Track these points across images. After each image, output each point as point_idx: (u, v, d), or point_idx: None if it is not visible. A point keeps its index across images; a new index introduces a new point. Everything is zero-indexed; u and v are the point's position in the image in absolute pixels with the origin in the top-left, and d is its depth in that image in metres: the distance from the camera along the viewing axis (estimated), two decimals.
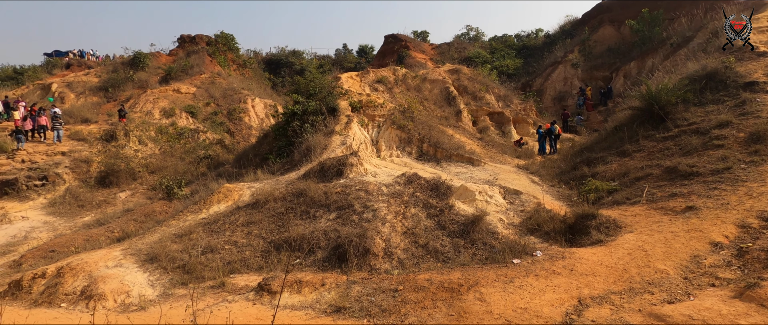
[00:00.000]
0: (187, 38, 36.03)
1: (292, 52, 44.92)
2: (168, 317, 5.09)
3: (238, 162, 17.88)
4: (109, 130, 21.10)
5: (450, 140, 17.69)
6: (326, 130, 15.86)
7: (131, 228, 11.93)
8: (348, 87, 19.93)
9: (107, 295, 7.56)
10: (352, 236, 8.80)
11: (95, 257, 8.80)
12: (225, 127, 25.85)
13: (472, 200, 10.74)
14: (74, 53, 38.30)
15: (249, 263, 8.92)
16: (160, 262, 8.72)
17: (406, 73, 24.13)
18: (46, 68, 34.23)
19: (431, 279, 7.03)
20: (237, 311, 6.49)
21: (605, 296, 6.14)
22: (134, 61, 31.68)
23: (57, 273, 8.26)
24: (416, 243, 9.05)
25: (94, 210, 15.67)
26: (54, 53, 37.98)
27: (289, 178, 12.81)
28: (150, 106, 25.04)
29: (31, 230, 13.70)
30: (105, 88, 28.97)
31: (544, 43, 36.82)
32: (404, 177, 11.82)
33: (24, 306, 7.49)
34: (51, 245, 11.39)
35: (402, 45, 39.24)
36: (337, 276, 7.75)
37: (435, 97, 22.92)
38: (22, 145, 18.36)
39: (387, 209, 9.99)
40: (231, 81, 31.86)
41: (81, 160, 18.51)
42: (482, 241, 8.94)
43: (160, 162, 20.07)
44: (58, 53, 37.97)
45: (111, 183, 17.90)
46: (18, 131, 18.59)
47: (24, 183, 16.32)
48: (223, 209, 11.22)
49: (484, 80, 26.33)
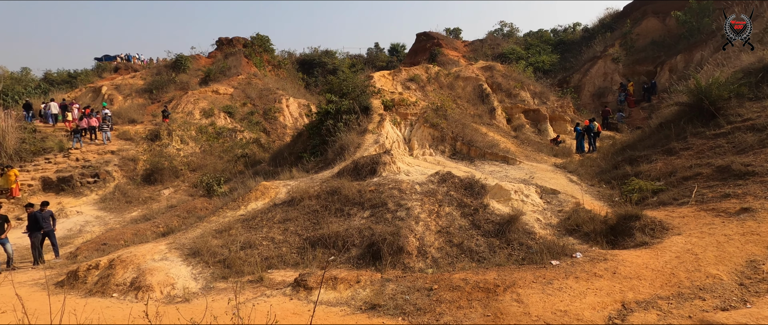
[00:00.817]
0: (225, 41, 37.28)
1: (325, 52, 45.54)
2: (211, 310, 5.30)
3: (273, 160, 18.34)
4: (153, 130, 22.15)
5: (484, 138, 17.41)
6: (359, 128, 15.99)
7: (175, 223, 12.49)
8: (380, 86, 20.00)
9: (154, 287, 7.95)
10: (385, 234, 8.84)
11: (143, 251, 9.27)
12: (261, 127, 26.57)
13: (508, 199, 10.53)
14: (122, 57, 40.46)
15: (285, 259, 9.14)
16: (202, 256, 9.08)
17: (438, 70, 23.94)
18: (96, 72, 36.39)
19: (466, 279, 6.96)
20: (275, 306, 6.67)
21: (651, 301, 5.87)
22: (176, 63, 33.11)
23: (109, 265, 8.77)
24: (450, 242, 8.98)
25: (140, 206, 16.50)
26: (104, 58, 40.28)
27: (324, 176, 13.01)
28: (191, 107, 26.09)
29: (85, 223, 14.60)
30: (150, 90, 30.45)
31: (582, 38, 35.54)
32: (437, 176, 11.75)
33: (80, 295, 8.00)
34: (103, 239, 12.10)
35: (434, 43, 38.96)
36: (371, 274, 7.81)
37: (468, 94, 22.62)
38: (80, 144, 19.65)
39: (420, 207, 9.96)
40: (266, 81, 32.69)
41: (128, 158, 19.54)
42: (518, 241, 8.76)
43: (200, 160, 20.88)
44: (107, 58, 40.24)
45: (155, 180, 18.80)
46: (76, 130, 19.90)
47: (78, 180, 17.42)
48: (261, 206, 11.54)
49: (518, 77, 25.73)
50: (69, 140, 20.08)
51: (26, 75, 37.38)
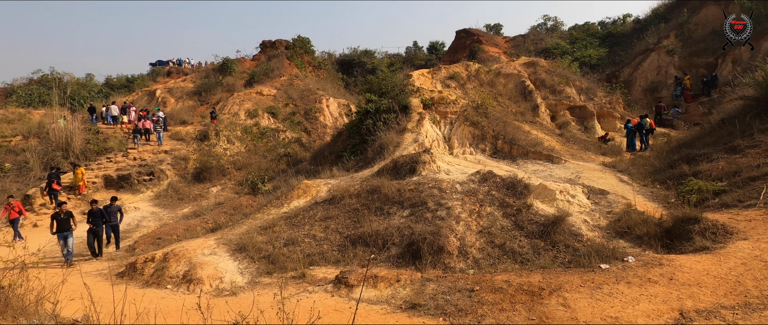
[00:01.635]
0: (268, 43, 38.50)
1: (364, 52, 45.91)
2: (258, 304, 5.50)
3: (314, 159, 18.73)
4: (202, 130, 23.26)
5: (526, 137, 16.91)
6: (398, 127, 16.00)
7: (222, 220, 13.05)
8: (419, 84, 19.90)
9: (204, 280, 8.36)
10: (425, 234, 8.80)
11: (194, 245, 9.76)
12: (302, 127, 27.22)
13: (552, 199, 10.17)
14: (173, 62, 42.76)
15: (327, 256, 9.31)
16: (248, 252, 9.43)
17: (478, 68, 23.49)
18: (151, 76, 38.74)
19: (509, 281, 6.79)
20: (318, 302, 6.81)
21: (713, 310, 5.47)
22: (223, 66, 34.58)
23: (163, 258, 9.31)
24: (492, 243, 8.80)
25: (191, 203, 17.38)
26: (157, 63, 42.77)
27: (363, 175, 13.12)
28: (236, 108, 27.16)
29: (141, 219, 15.58)
30: (199, 93, 32.00)
31: (633, 30, 33.63)
32: (478, 175, 11.54)
33: (138, 286, 8.55)
34: (158, 233, 12.85)
35: (474, 39, 38.27)
36: (411, 273, 7.80)
37: (510, 92, 22.04)
38: (139, 143, 21.03)
39: (461, 207, 9.83)
40: (307, 82, 33.44)
41: (180, 158, 20.63)
42: (564, 243, 8.44)
43: (245, 159, 21.69)
44: (161, 62, 42.68)
45: (204, 178, 19.72)
46: (136, 131, 21.31)
47: (136, 178, 18.61)
48: (303, 204, 11.82)
49: (563, 72, 24.76)
50: (128, 140, 21.50)
51: (90, 81, 40.41)
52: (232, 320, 3.60)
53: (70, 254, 10.70)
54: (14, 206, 13.19)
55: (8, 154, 20.11)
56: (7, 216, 13.11)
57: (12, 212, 13.09)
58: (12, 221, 13.09)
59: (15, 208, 13.17)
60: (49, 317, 4.95)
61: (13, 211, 13.12)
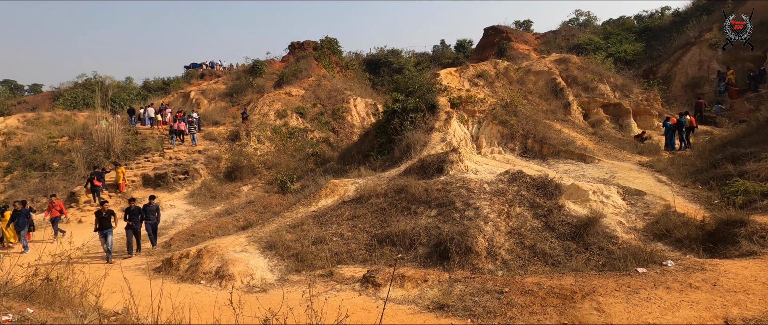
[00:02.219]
0: (297, 45, 39.13)
1: (391, 52, 45.93)
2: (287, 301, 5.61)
3: (342, 159, 18.90)
4: (233, 131, 23.90)
5: (557, 135, 16.45)
6: (426, 127, 15.91)
7: (253, 218, 13.37)
8: (447, 83, 19.73)
9: (236, 276, 8.59)
10: (453, 234, 8.71)
11: (226, 243, 10.04)
12: (330, 126, 27.52)
13: (585, 200, 9.87)
14: (206, 65, 44.12)
15: (354, 255, 9.37)
16: (277, 250, 9.62)
17: (507, 65, 23.05)
18: (186, 79, 40.14)
19: (540, 283, 6.63)
20: (346, 301, 6.86)
21: (762, 319, 5.15)
22: (253, 68, 35.41)
23: (197, 254, 9.62)
24: (522, 244, 8.62)
25: (223, 201, 17.90)
26: (191, 65, 44.23)
27: (390, 174, 13.13)
28: (266, 109, 27.76)
29: (177, 216, 16.17)
30: (230, 94, 32.90)
31: (672, 23, 32.11)
32: (507, 174, 11.33)
33: (174, 280, 8.87)
34: (192, 230, 13.30)
35: (503, 37, 37.60)
36: (439, 273, 7.75)
37: (540, 89, 21.51)
38: (174, 143, 21.85)
39: (489, 207, 9.68)
40: (335, 82, 33.77)
41: (213, 157, 21.28)
42: (598, 245, 8.17)
43: (275, 159, 22.14)
44: (195, 65, 44.12)
45: (236, 177, 20.26)
46: (172, 131, 22.17)
47: (171, 177, 19.33)
48: (331, 203, 11.95)
49: (596, 69, 23.94)
50: (164, 141, 22.38)
51: (129, 84, 42.32)
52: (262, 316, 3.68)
53: (110, 251, 11.18)
54: (56, 205, 13.86)
55: (56, 153, 21.32)
56: (50, 215, 13.80)
57: (53, 211, 13.78)
58: (53, 220, 13.71)
59: (56, 207, 13.85)
60: (92, 308, 5.20)
61: (55, 210, 13.80)
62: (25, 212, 12.64)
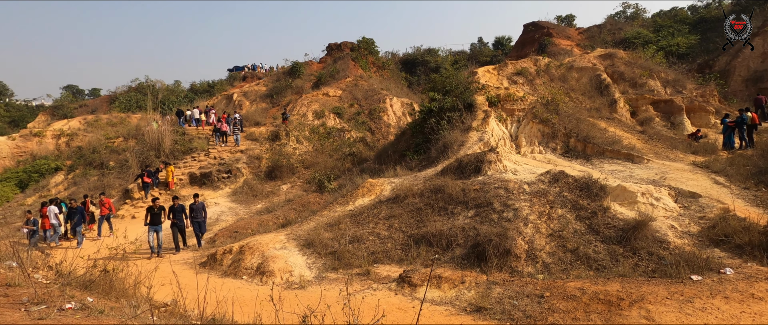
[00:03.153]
0: (334, 46, 39.70)
1: (427, 51, 45.64)
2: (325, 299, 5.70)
3: (378, 158, 18.98)
4: (274, 131, 24.60)
5: (602, 134, 15.74)
6: (463, 126, 15.69)
7: (292, 216, 13.70)
8: (485, 81, 19.36)
9: (275, 273, 8.83)
10: (491, 235, 8.54)
11: (266, 240, 10.36)
12: (366, 126, 27.71)
13: (633, 202, 9.38)
14: (248, 67, 45.68)
15: (390, 255, 9.40)
16: (315, 248, 9.80)
17: (548, 62, 22.31)
18: (229, 81, 41.78)
19: (583, 288, 6.37)
20: (382, 300, 6.89)
21: None
22: (292, 70, 36.29)
23: (240, 250, 9.98)
24: (564, 247, 8.32)
25: (264, 199, 18.46)
26: (234, 68, 45.95)
27: (427, 174, 13.06)
28: (305, 109, 28.36)
29: (221, 213, 16.85)
30: (271, 96, 33.88)
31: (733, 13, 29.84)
32: (548, 175, 10.96)
33: (218, 275, 9.25)
34: (234, 227, 13.82)
35: (543, 32, 36.42)
36: (476, 275, 7.62)
37: (583, 86, 20.67)
38: (219, 143, 22.79)
39: (529, 208, 9.41)
40: (371, 82, 33.98)
41: (254, 157, 22.00)
42: (647, 250, 7.74)
43: (312, 158, 22.58)
44: (237, 68, 45.81)
45: (276, 176, 20.84)
46: (217, 131, 23.14)
47: (216, 176, 20.16)
48: (367, 203, 12.03)
49: (645, 64, 22.69)
50: (210, 140, 23.39)
51: (177, 87, 44.60)
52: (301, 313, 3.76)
53: (160, 246, 11.67)
54: (105, 203, 14.60)
55: (112, 153, 22.80)
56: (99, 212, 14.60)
57: (102, 208, 14.52)
58: (103, 217, 14.45)
59: (105, 205, 14.58)
60: (144, 300, 5.52)
61: (104, 207, 14.52)
62: (80, 209, 13.43)
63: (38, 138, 26.70)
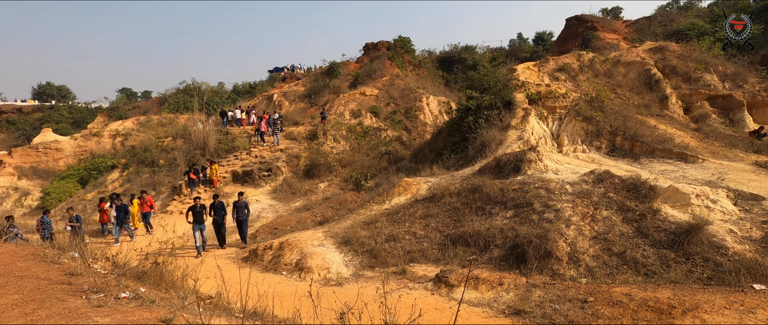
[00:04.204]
0: (371, 46, 39.96)
1: (465, 48, 44.99)
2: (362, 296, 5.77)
3: (414, 157, 18.93)
4: (312, 130, 25.10)
5: (652, 132, 14.91)
6: (501, 124, 15.35)
7: (329, 214, 13.94)
8: (524, 78, 18.84)
9: (313, 269, 9.02)
10: (531, 237, 8.30)
11: (305, 237, 10.59)
12: (403, 125, 27.71)
13: (686, 204, 8.83)
14: (288, 68, 46.87)
15: (427, 254, 9.35)
16: (352, 245, 9.92)
17: (593, 57, 21.38)
18: (269, 82, 43.04)
19: (631, 294, 6.07)
20: (418, 299, 6.88)
21: None
22: (330, 70, 36.88)
23: (279, 247, 10.27)
24: (609, 250, 7.95)
25: (302, 197, 18.89)
26: (274, 69, 47.29)
27: (464, 173, 12.88)
28: (342, 109, 28.74)
29: (261, 210, 17.40)
30: (309, 95, 34.59)
31: None
32: (593, 175, 10.52)
33: (259, 270, 9.56)
34: (274, 224, 14.23)
35: (587, 26, 34.95)
36: (515, 277, 7.44)
37: (631, 82, 19.65)
38: (261, 142, 23.57)
39: (572, 209, 9.07)
40: (408, 81, 33.93)
41: (293, 155, 22.55)
42: (702, 256, 7.26)
43: (349, 157, 22.84)
44: (277, 69, 47.11)
45: (314, 175, 21.26)
46: (259, 131, 23.94)
47: (257, 174, 20.84)
48: (403, 202, 12.03)
49: (700, 57, 21.25)
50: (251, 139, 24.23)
51: (221, 88, 46.46)
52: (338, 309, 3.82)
53: (205, 243, 11.74)
54: (147, 201, 14.97)
55: (162, 152, 24.10)
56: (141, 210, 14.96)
57: (145, 206, 14.88)
58: (144, 215, 14.83)
59: (147, 202, 14.95)
60: (191, 291, 5.81)
61: (145, 205, 14.89)
62: (123, 207, 13.70)
63: (97, 138, 28.68)
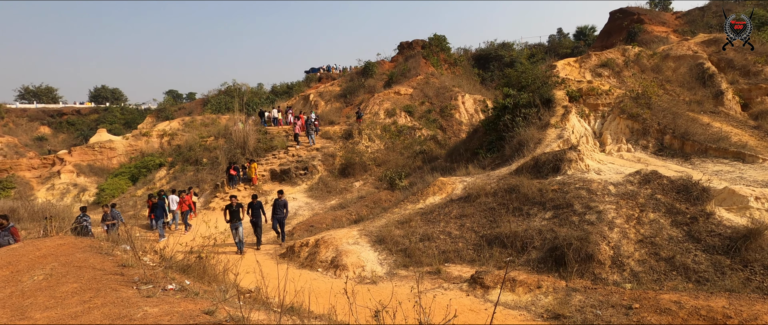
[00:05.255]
0: (405, 45, 39.89)
1: (501, 45, 44.03)
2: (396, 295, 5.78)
3: (449, 156, 18.75)
4: (347, 129, 25.40)
5: (705, 130, 14.02)
6: (540, 123, 14.91)
7: (364, 212, 14.05)
8: (564, 75, 18.20)
9: (348, 267, 9.13)
10: (571, 239, 8.02)
11: (340, 234, 10.74)
12: (437, 124, 27.49)
13: (744, 207, 8.24)
14: (323, 69, 47.66)
15: (462, 255, 9.24)
16: (386, 244, 9.95)
17: (639, 51, 20.35)
18: (306, 83, 43.93)
19: (680, 302, 5.73)
20: (453, 300, 6.81)
21: None
22: (365, 70, 37.16)
23: (315, 244, 10.47)
24: (656, 255, 7.55)
25: (337, 195, 19.16)
26: (310, 70, 48.23)
27: (500, 173, 12.62)
28: (377, 108, 28.88)
29: (298, 208, 17.80)
30: (344, 95, 35.02)
31: None
32: (638, 175, 10.02)
33: (296, 266, 9.80)
34: (310, 222, 14.52)
35: (633, 19, 33.26)
36: (554, 280, 7.21)
37: (681, 77, 18.54)
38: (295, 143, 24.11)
39: (615, 211, 8.68)
40: (443, 80, 33.62)
41: (328, 154, 22.91)
42: (762, 263, 6.76)
43: (384, 156, 22.94)
44: (313, 70, 48.01)
45: (349, 173, 21.51)
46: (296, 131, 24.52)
47: (294, 172, 21.34)
48: (438, 201, 11.95)
49: (762, 48, 19.74)
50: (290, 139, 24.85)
51: (260, 89, 47.92)
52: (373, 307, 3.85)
53: (242, 243, 11.56)
54: (185, 200, 15.47)
55: (205, 151, 25.17)
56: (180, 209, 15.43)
57: (183, 205, 15.38)
58: (183, 213, 15.32)
59: (186, 202, 15.44)
60: (232, 285, 6.03)
61: (184, 204, 15.39)
62: (161, 204, 14.19)
63: (146, 138, 30.35)
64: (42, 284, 4.77)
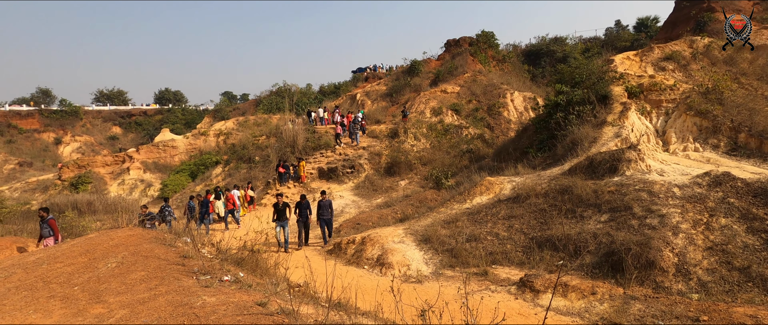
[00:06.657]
0: (452, 42, 39.34)
1: (553, 40, 42.25)
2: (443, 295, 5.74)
3: (497, 156, 18.28)
4: (393, 128, 25.49)
5: None
6: (595, 121, 14.16)
7: (409, 211, 14.05)
8: (623, 69, 17.15)
9: (394, 265, 9.17)
10: (630, 244, 7.56)
11: (386, 233, 10.81)
12: (485, 122, 26.89)
13: None
14: (370, 68, 48.13)
15: (510, 257, 8.99)
16: (432, 244, 9.89)
17: (709, 42, 18.74)
18: (353, 82, 44.60)
19: (757, 316, 5.23)
20: (501, 303, 6.65)
21: None
22: (411, 68, 37.08)
23: (362, 241, 10.61)
24: (728, 264, 6.94)
25: (383, 194, 19.29)
26: (357, 70, 48.90)
27: (552, 173, 12.13)
28: (422, 107, 28.75)
29: (345, 206, 18.13)
30: (390, 94, 35.16)
31: None
32: (708, 177, 9.24)
33: (342, 263, 9.99)
34: (357, 219, 14.74)
35: (702, 7, 30.61)
36: (610, 287, 6.83)
37: (760, 70, 16.85)
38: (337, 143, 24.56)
39: (681, 215, 8.07)
40: (491, 77, 32.82)
41: (375, 153, 23.12)
42: None
43: (430, 155, 22.79)
44: (360, 69, 48.63)
45: (394, 172, 21.59)
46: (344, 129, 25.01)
47: (340, 171, 21.75)
48: (485, 201, 11.70)
49: None
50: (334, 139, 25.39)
51: (309, 89, 49.28)
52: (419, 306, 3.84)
53: (287, 242, 11.44)
54: (229, 199, 15.90)
55: (257, 149, 26.30)
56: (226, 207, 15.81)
57: (228, 204, 15.84)
58: (229, 212, 15.78)
59: (230, 200, 15.87)
60: (282, 278, 6.26)
61: (229, 203, 15.83)
62: (206, 202, 14.69)
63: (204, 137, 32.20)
64: (114, 271, 5.21)
